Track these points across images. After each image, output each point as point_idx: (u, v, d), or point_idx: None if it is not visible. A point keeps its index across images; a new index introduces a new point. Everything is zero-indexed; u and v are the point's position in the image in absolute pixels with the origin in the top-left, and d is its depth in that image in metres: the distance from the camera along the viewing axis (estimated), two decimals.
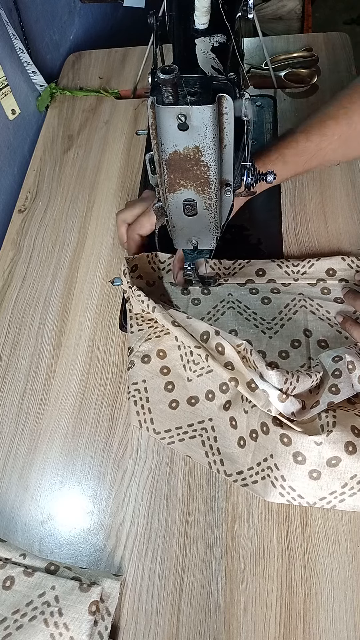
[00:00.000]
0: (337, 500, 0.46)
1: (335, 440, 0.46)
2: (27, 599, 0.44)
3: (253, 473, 0.49)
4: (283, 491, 0.47)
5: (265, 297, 0.59)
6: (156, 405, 0.54)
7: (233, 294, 0.60)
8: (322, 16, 1.87)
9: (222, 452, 0.51)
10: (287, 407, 0.48)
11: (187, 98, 0.36)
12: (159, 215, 0.49)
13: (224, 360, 0.52)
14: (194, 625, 0.45)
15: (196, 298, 0.60)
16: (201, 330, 0.53)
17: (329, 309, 0.58)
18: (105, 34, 1.10)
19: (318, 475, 0.46)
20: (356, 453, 0.45)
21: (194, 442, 0.52)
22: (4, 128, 0.75)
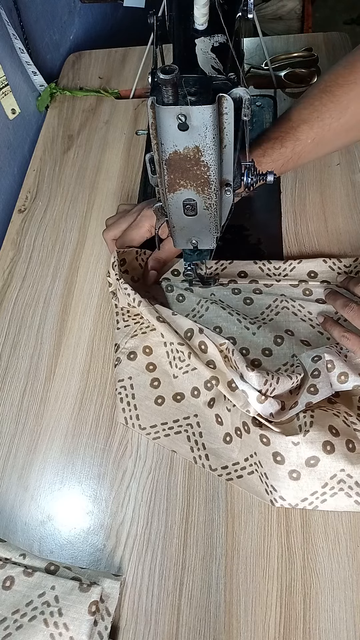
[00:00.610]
0: (319, 501, 0.46)
1: (312, 440, 0.46)
2: (27, 599, 0.44)
3: (238, 468, 0.50)
4: (268, 489, 0.48)
5: (247, 298, 0.60)
6: (142, 402, 0.54)
7: (216, 294, 0.60)
8: (322, 16, 1.87)
9: (207, 447, 0.51)
10: (265, 409, 0.49)
11: (187, 98, 0.36)
12: (159, 215, 0.49)
13: (207, 359, 0.52)
14: (194, 625, 0.45)
15: (180, 294, 0.61)
16: (185, 328, 0.53)
17: (310, 309, 0.58)
18: (105, 34, 1.10)
19: (298, 475, 0.46)
20: (334, 452, 0.46)
21: (179, 438, 0.52)
22: (4, 128, 0.75)
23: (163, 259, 0.61)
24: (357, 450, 0.47)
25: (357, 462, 0.46)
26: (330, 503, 0.46)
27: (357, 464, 0.46)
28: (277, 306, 0.59)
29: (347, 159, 0.70)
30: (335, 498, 0.46)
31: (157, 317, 0.54)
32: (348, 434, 0.47)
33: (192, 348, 0.53)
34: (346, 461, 0.46)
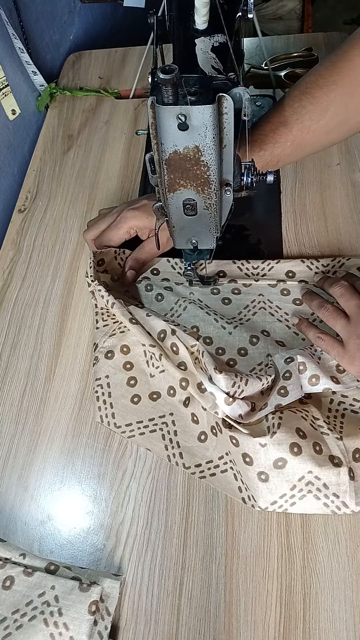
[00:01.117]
0: (288, 504, 0.47)
1: (280, 442, 0.46)
2: (27, 599, 0.44)
3: (212, 466, 0.50)
4: (242, 486, 0.48)
5: (225, 298, 0.60)
6: (118, 400, 0.54)
7: (195, 293, 0.61)
8: (322, 16, 1.87)
9: (182, 445, 0.52)
10: (234, 410, 0.49)
11: (187, 98, 0.36)
12: (159, 215, 0.49)
13: (178, 360, 0.53)
14: (194, 625, 0.45)
15: (159, 293, 0.61)
16: (159, 329, 0.54)
17: (287, 310, 0.58)
18: (105, 34, 1.10)
19: (266, 477, 0.46)
20: (302, 454, 0.46)
21: (154, 436, 0.53)
22: (4, 128, 0.75)
23: (142, 259, 0.61)
24: (324, 453, 0.47)
25: (324, 465, 0.46)
26: (299, 506, 0.47)
27: (324, 466, 0.46)
28: (254, 306, 0.59)
29: (347, 159, 0.70)
30: (304, 501, 0.46)
31: (129, 318, 0.54)
32: (315, 436, 0.48)
33: (163, 350, 0.53)
34: (313, 463, 0.46)
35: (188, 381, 0.51)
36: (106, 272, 0.61)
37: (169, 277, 0.62)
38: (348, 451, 0.47)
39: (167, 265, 0.63)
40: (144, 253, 0.61)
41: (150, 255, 0.61)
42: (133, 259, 0.60)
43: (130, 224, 0.58)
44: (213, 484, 0.50)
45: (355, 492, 0.46)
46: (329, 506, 0.46)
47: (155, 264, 0.63)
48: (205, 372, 0.50)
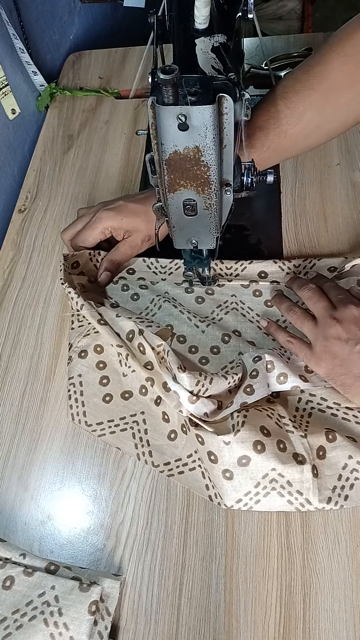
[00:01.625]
0: (253, 501, 0.47)
1: (243, 440, 0.46)
2: (27, 599, 0.44)
3: (180, 464, 0.50)
4: (209, 483, 0.48)
5: (199, 297, 0.61)
6: (90, 399, 0.55)
7: (170, 292, 0.61)
8: (322, 16, 1.87)
9: (152, 444, 0.52)
10: (198, 408, 0.49)
11: (187, 98, 0.36)
12: (159, 215, 0.49)
13: (145, 360, 0.53)
14: (194, 625, 0.45)
15: (135, 293, 0.62)
16: (127, 329, 0.54)
17: (259, 312, 0.59)
18: (105, 34, 1.10)
19: (231, 475, 0.47)
20: (265, 452, 0.46)
21: (124, 435, 0.53)
22: (4, 128, 0.75)
23: (117, 260, 0.61)
24: (288, 451, 0.47)
25: (288, 462, 0.47)
26: (264, 503, 0.47)
27: (287, 463, 0.46)
28: (227, 306, 0.60)
29: (347, 159, 0.70)
30: (268, 498, 0.47)
31: (98, 319, 0.55)
32: (279, 434, 0.48)
33: (131, 350, 0.54)
34: (277, 460, 0.46)
35: (154, 380, 0.52)
36: (82, 274, 0.62)
37: (144, 276, 0.63)
38: (312, 449, 0.48)
39: (143, 265, 0.64)
40: (119, 254, 0.61)
41: (125, 256, 0.61)
42: (108, 260, 0.61)
43: (105, 225, 0.58)
44: (181, 482, 0.50)
45: (318, 489, 0.47)
46: (293, 503, 0.47)
47: (132, 264, 0.64)
48: (170, 372, 0.51)
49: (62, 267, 0.58)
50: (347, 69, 0.50)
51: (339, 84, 0.51)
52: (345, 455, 0.47)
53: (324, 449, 0.48)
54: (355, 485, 0.47)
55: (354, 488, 0.47)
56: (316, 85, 0.52)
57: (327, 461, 0.47)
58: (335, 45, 0.51)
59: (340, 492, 0.47)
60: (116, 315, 0.55)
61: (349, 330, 0.48)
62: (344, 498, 0.47)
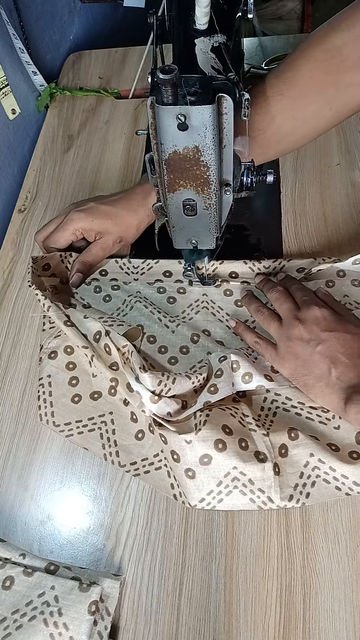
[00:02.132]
0: (216, 500, 0.47)
1: (204, 439, 0.47)
2: (27, 599, 0.44)
3: (147, 463, 0.51)
4: (174, 482, 0.49)
5: (171, 297, 0.61)
6: (58, 400, 0.55)
7: (141, 292, 0.62)
8: (322, 16, 1.86)
9: (119, 444, 0.52)
10: (161, 408, 0.50)
11: (187, 98, 0.36)
12: (158, 215, 0.49)
13: (111, 361, 0.54)
14: (194, 625, 0.45)
15: (107, 295, 0.62)
16: (94, 330, 0.55)
17: (228, 311, 0.60)
18: (105, 34, 1.10)
19: (193, 474, 0.47)
20: (226, 450, 0.47)
21: (92, 435, 0.53)
22: (4, 128, 0.75)
23: (89, 262, 0.61)
24: (249, 449, 0.48)
25: (249, 460, 0.47)
26: (226, 502, 0.47)
27: (249, 462, 0.47)
28: (197, 305, 0.60)
29: (347, 159, 0.70)
30: (231, 497, 0.47)
31: (64, 321, 0.56)
32: (242, 433, 0.48)
33: (97, 351, 0.54)
34: (238, 459, 0.47)
35: (118, 381, 0.53)
36: (54, 275, 0.63)
37: (117, 277, 0.64)
38: (274, 447, 0.48)
39: (115, 266, 0.64)
40: (90, 256, 0.61)
41: (96, 257, 0.61)
42: (79, 262, 0.60)
43: (76, 226, 0.58)
44: (147, 482, 0.50)
45: (280, 487, 0.47)
46: (255, 502, 0.47)
47: (104, 265, 0.64)
48: (133, 372, 0.51)
49: (30, 270, 0.59)
50: (317, 75, 0.49)
51: (308, 89, 0.50)
52: (307, 453, 0.48)
53: (286, 447, 0.48)
54: (316, 483, 0.47)
55: (316, 485, 0.47)
56: (285, 91, 0.51)
57: (289, 459, 0.48)
58: (305, 51, 0.50)
59: (302, 489, 0.47)
60: (84, 317, 0.56)
61: (311, 331, 0.49)
62: (305, 495, 0.47)
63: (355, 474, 0.46)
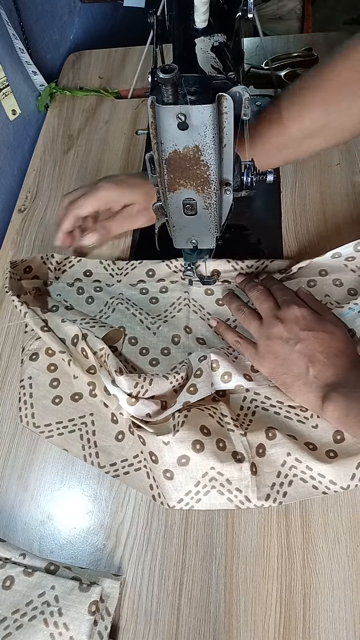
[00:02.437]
0: (194, 500, 0.48)
1: (182, 440, 0.47)
2: (27, 599, 0.44)
3: (126, 465, 0.51)
4: (154, 483, 0.49)
5: (153, 297, 0.62)
6: (39, 401, 0.55)
7: (124, 294, 0.62)
8: (322, 16, 1.86)
9: (99, 445, 0.52)
10: (139, 410, 0.50)
11: (187, 97, 0.35)
12: (158, 215, 0.49)
13: (88, 364, 0.54)
14: (194, 625, 0.45)
15: (90, 296, 0.63)
16: (72, 334, 0.55)
17: (210, 310, 0.60)
18: (105, 34, 1.10)
19: (171, 475, 0.47)
20: (204, 451, 0.47)
21: (72, 436, 0.53)
22: (4, 128, 0.75)
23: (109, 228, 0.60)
24: (227, 449, 0.48)
25: (227, 461, 0.47)
26: (205, 502, 0.47)
27: (226, 462, 0.47)
28: (179, 303, 0.61)
29: (347, 159, 0.70)
30: (209, 496, 0.47)
31: (41, 326, 0.56)
32: (220, 433, 0.49)
33: (73, 355, 0.55)
34: (215, 459, 0.47)
35: (95, 385, 0.53)
36: (37, 277, 0.63)
37: (100, 278, 0.64)
38: (252, 447, 0.48)
39: (100, 266, 0.64)
40: (114, 223, 0.60)
41: (118, 226, 0.61)
42: (101, 225, 0.60)
43: (104, 194, 0.59)
44: (126, 483, 0.50)
45: (257, 487, 0.47)
46: (232, 501, 0.47)
47: (88, 266, 0.64)
48: (110, 375, 0.51)
49: (8, 275, 0.59)
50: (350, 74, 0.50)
51: (344, 86, 0.51)
52: (284, 452, 0.48)
53: (264, 446, 0.48)
54: (293, 482, 0.48)
55: (293, 485, 0.48)
56: (322, 84, 0.52)
57: (267, 458, 0.48)
58: (345, 51, 0.51)
59: (279, 488, 0.48)
60: (62, 321, 0.56)
61: (291, 330, 0.49)
62: (282, 495, 0.47)
63: (331, 473, 0.47)
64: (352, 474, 0.47)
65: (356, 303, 0.53)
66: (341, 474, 0.47)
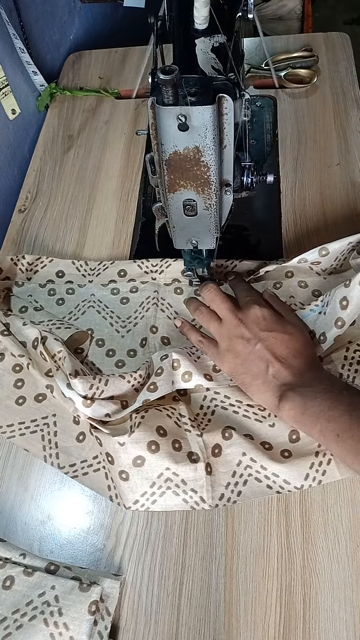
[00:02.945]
0: (150, 502, 0.48)
1: (137, 440, 0.47)
2: (27, 599, 0.44)
3: (85, 465, 0.51)
4: (111, 484, 0.49)
5: (124, 298, 0.62)
6: (2, 401, 0.55)
7: (96, 294, 0.63)
8: (322, 16, 1.86)
9: (60, 445, 0.52)
10: (95, 411, 0.50)
11: (187, 98, 0.36)
12: (159, 216, 0.49)
13: (47, 367, 0.54)
14: (194, 625, 0.45)
15: (61, 298, 0.63)
16: (33, 337, 0.56)
17: (178, 309, 0.60)
18: (105, 34, 1.09)
19: (127, 476, 0.48)
20: (159, 451, 0.47)
21: (33, 437, 0.53)
22: (4, 128, 0.75)
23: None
24: (183, 450, 0.48)
25: (182, 461, 0.48)
26: (160, 503, 0.48)
27: (181, 462, 0.47)
28: (148, 302, 0.61)
29: (347, 159, 0.70)
30: (164, 497, 0.48)
31: (1, 330, 0.57)
32: (176, 434, 0.49)
33: (32, 358, 0.55)
34: (170, 460, 0.47)
35: (53, 387, 0.53)
36: (8, 278, 0.64)
37: (72, 279, 0.64)
38: (207, 447, 0.49)
39: (72, 267, 0.65)
40: None
41: None
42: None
43: None
44: (84, 484, 0.51)
45: (212, 487, 0.48)
46: (188, 502, 0.48)
47: (61, 266, 0.65)
48: (66, 378, 0.51)
49: None
50: None
51: None
52: (240, 452, 0.48)
53: (220, 446, 0.49)
54: (248, 481, 0.48)
55: (247, 484, 0.48)
56: None
57: (223, 458, 0.49)
58: None
59: (234, 488, 0.48)
60: (23, 324, 0.57)
61: (251, 330, 0.50)
62: (237, 494, 0.48)
63: (285, 473, 0.47)
64: (305, 474, 0.47)
65: (317, 305, 0.54)
66: (295, 474, 0.47)
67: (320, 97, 0.77)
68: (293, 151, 0.72)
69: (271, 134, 0.74)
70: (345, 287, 0.49)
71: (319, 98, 0.77)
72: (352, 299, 0.49)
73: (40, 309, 0.62)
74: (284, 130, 0.74)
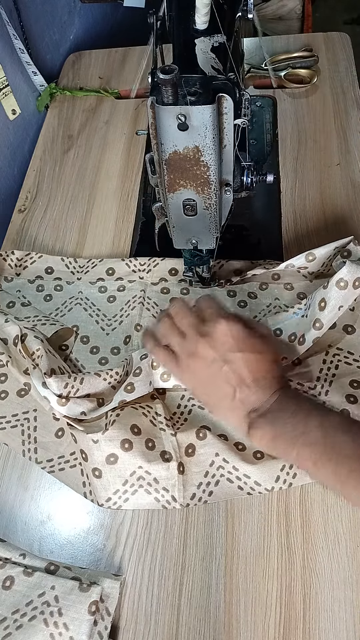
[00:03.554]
0: (122, 500, 0.48)
1: (111, 438, 0.48)
2: (27, 599, 0.44)
3: (62, 461, 0.52)
4: (86, 481, 0.50)
5: (111, 296, 0.62)
6: None
7: (83, 292, 0.63)
8: (322, 16, 1.86)
9: (39, 441, 0.53)
10: (71, 409, 0.50)
11: (187, 98, 0.36)
12: (159, 215, 0.49)
13: (25, 366, 0.55)
14: (194, 625, 0.45)
15: (49, 294, 0.63)
16: (14, 335, 0.56)
17: (163, 308, 0.60)
18: (105, 34, 1.10)
19: (100, 473, 0.48)
20: (132, 450, 0.48)
21: (14, 431, 0.54)
22: (4, 128, 0.75)
23: None
24: (156, 449, 0.49)
25: (154, 460, 0.48)
26: (132, 501, 0.48)
27: (154, 461, 0.48)
28: (134, 301, 0.61)
29: (347, 159, 0.70)
30: (136, 496, 0.48)
31: None
32: (150, 433, 0.49)
33: (12, 356, 0.55)
34: (143, 458, 0.47)
35: (30, 386, 0.53)
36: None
37: (61, 275, 0.65)
38: (181, 446, 0.49)
39: (62, 264, 0.65)
40: None
41: None
42: None
43: None
44: (60, 479, 0.51)
45: (183, 486, 0.48)
46: (159, 500, 0.48)
47: (50, 263, 0.65)
48: (42, 377, 0.51)
49: None
50: None
51: None
52: (213, 452, 0.49)
53: (194, 446, 0.49)
54: (220, 482, 0.48)
55: (219, 484, 0.48)
56: None
57: (196, 458, 0.49)
58: None
59: (205, 488, 0.48)
60: (5, 321, 0.57)
61: (217, 350, 0.45)
62: (208, 494, 0.48)
63: (256, 474, 0.48)
64: (276, 476, 0.48)
65: (300, 308, 0.54)
66: (265, 476, 0.48)
67: (320, 97, 0.77)
68: (293, 151, 0.72)
69: (271, 134, 0.74)
70: (324, 288, 0.49)
71: (319, 98, 0.77)
72: (330, 300, 0.49)
73: (28, 304, 0.62)
74: (284, 130, 0.74)
